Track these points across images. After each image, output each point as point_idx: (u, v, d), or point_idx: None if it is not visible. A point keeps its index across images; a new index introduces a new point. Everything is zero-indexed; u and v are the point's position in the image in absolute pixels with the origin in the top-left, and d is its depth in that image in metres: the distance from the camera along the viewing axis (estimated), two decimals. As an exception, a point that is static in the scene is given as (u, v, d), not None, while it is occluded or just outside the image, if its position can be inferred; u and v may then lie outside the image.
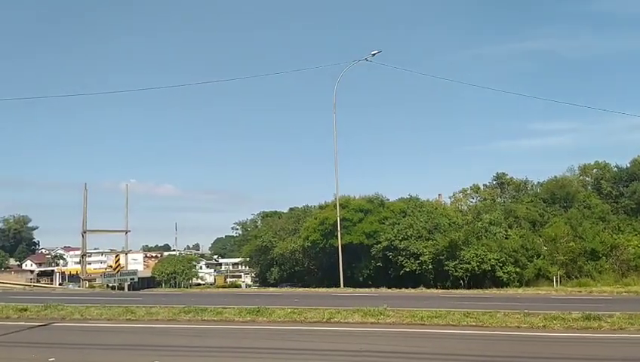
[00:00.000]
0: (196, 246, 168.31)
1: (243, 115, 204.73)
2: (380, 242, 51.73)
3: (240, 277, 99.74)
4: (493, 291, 35.96)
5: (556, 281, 41.75)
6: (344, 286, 41.15)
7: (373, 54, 44.25)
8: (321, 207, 62.29)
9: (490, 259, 45.31)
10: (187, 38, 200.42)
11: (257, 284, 72.29)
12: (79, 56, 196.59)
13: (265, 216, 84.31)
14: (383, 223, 53.53)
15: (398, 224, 52.33)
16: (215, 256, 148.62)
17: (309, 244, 56.42)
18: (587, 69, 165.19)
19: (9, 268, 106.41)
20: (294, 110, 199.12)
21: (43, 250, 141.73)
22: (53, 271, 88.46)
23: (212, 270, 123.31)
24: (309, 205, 71.55)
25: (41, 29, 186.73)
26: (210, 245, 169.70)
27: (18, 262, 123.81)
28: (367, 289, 37.27)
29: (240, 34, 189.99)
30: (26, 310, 17.48)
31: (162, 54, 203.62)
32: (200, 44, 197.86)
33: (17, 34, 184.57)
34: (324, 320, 15.12)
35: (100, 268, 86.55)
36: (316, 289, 41.18)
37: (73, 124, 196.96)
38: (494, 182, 68.76)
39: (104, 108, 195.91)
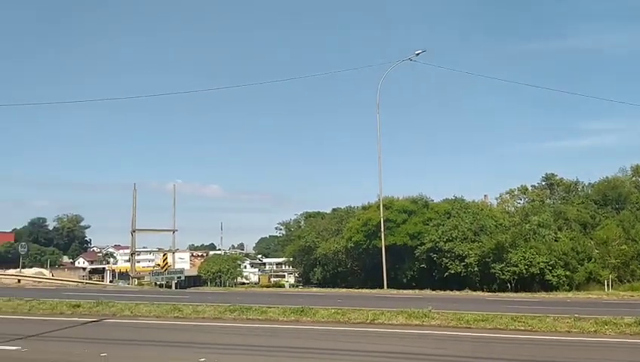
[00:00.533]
0: (241, 246, 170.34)
1: (283, 119, 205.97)
2: (424, 243, 51.10)
3: (283, 276, 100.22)
4: (542, 295, 35.00)
5: (607, 285, 40.28)
6: (387, 287, 40.89)
7: (418, 54, 43.39)
8: (364, 208, 62.03)
9: (538, 262, 44.09)
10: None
11: (301, 284, 72.62)
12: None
13: (308, 216, 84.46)
14: (427, 224, 52.87)
15: (443, 225, 51.58)
16: (259, 256, 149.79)
17: (352, 245, 56.25)
18: (630, 68, 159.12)
19: (62, 265, 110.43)
20: (339, 112, 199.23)
21: (94, 248, 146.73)
22: (104, 268, 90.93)
23: (256, 269, 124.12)
24: (352, 206, 71.42)
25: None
26: (254, 245, 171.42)
27: (71, 260, 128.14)
28: (410, 291, 36.92)
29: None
30: (78, 306, 18.08)
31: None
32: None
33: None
34: (368, 321, 15.07)
35: (148, 266, 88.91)
36: (359, 290, 41.01)
37: (115, 125, 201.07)
38: (543, 183, 66.84)
39: (136, 112, 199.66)
